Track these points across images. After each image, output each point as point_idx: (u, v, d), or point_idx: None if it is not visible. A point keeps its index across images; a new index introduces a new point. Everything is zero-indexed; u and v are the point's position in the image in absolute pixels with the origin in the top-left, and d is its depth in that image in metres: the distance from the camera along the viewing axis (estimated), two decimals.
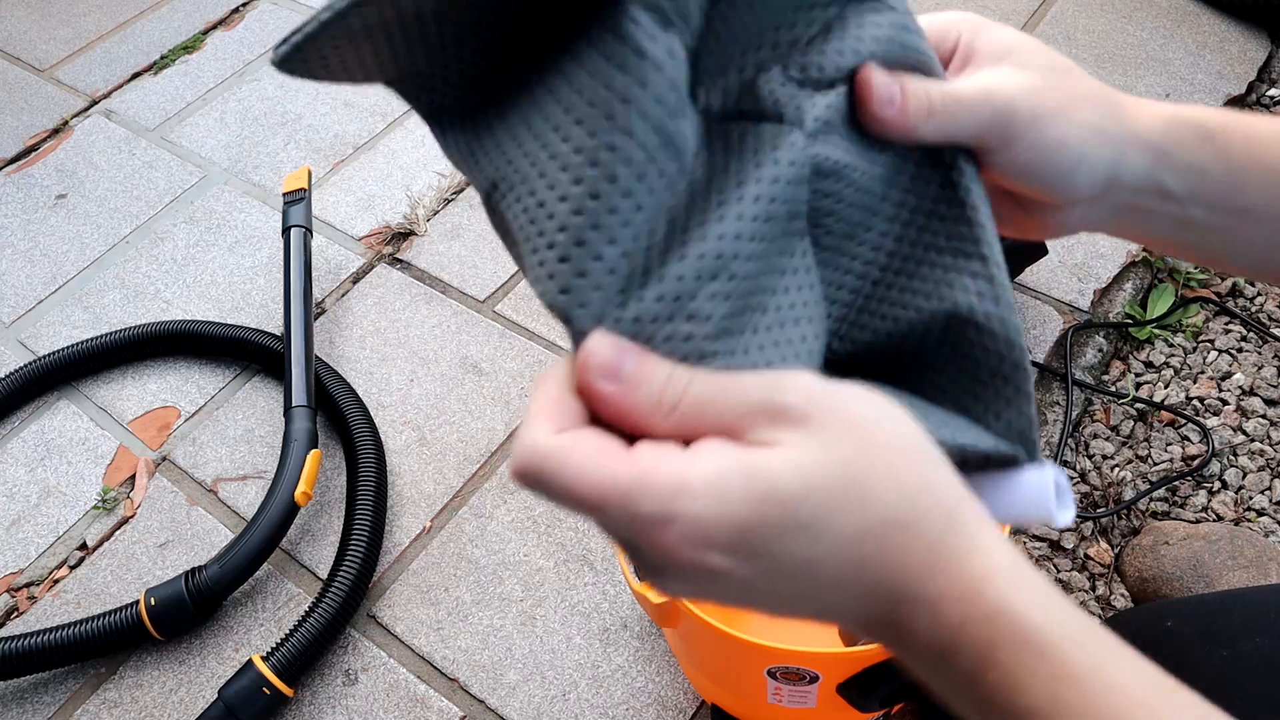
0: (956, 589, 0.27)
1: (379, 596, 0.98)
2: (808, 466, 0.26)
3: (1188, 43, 1.44)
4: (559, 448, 0.26)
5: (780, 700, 0.73)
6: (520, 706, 0.89)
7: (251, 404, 1.16)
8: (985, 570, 0.27)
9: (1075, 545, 0.98)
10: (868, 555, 0.27)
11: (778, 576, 0.27)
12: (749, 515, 0.25)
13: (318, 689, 0.92)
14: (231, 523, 1.05)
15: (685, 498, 0.25)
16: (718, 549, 0.26)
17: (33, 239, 1.38)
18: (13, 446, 1.15)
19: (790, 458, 0.26)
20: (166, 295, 1.29)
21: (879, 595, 0.27)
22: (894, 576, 0.27)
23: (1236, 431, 1.05)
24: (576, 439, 0.26)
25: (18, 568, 1.04)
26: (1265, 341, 1.12)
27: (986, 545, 0.27)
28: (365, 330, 1.21)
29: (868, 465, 0.26)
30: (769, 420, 0.26)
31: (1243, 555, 0.89)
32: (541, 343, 1.17)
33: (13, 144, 1.53)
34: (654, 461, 0.26)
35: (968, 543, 0.27)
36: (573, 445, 0.26)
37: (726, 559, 0.26)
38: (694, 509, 0.25)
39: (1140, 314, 1.15)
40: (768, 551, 0.26)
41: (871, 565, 0.27)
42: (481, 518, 1.03)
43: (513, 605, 0.96)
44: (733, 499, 0.25)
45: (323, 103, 1.53)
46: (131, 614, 0.92)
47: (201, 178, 1.44)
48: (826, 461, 0.26)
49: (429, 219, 1.34)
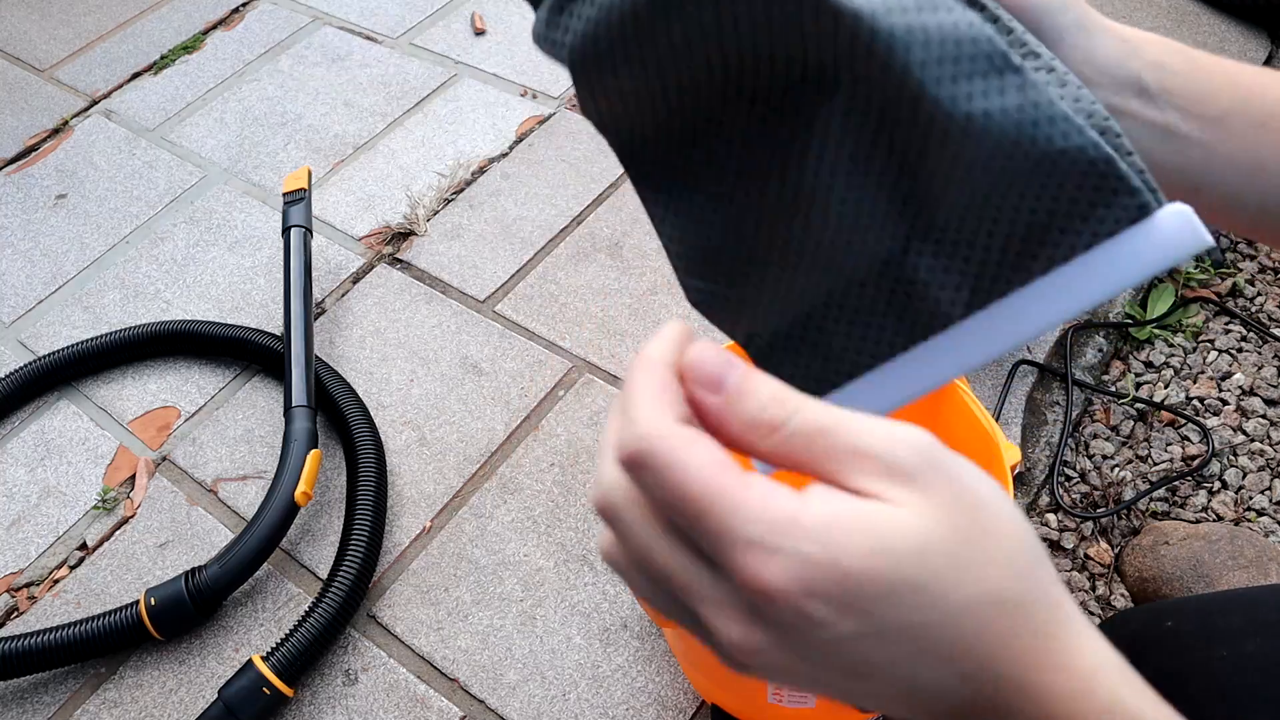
0: (1066, 681, 0.25)
1: (379, 596, 0.98)
2: (923, 528, 0.24)
3: (1188, 42, 1.44)
4: (685, 440, 0.24)
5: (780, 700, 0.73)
6: (520, 706, 0.89)
7: (251, 404, 1.16)
8: (1095, 666, 0.26)
9: (1075, 545, 0.98)
10: (976, 630, 0.25)
11: (877, 639, 0.24)
12: (860, 566, 0.23)
13: (318, 689, 0.92)
14: (231, 523, 1.05)
15: (797, 533, 0.23)
16: (820, 596, 0.23)
17: (33, 239, 1.38)
18: (13, 446, 1.15)
19: (906, 516, 0.24)
20: (166, 295, 1.29)
21: (981, 676, 0.25)
22: (1000, 655, 0.25)
23: (1236, 431, 1.05)
24: (700, 438, 0.25)
25: (18, 568, 1.04)
26: (1265, 341, 1.12)
27: (1093, 641, 0.26)
28: (365, 330, 1.21)
29: (981, 539, 0.25)
30: (881, 473, 0.25)
31: (1243, 555, 0.89)
32: (541, 343, 1.17)
33: (13, 144, 1.53)
34: (768, 491, 0.24)
35: (1075, 637, 0.26)
36: (696, 442, 0.24)
37: (826, 609, 0.23)
38: (804, 547, 0.23)
39: (1140, 314, 1.15)
40: (873, 609, 0.24)
41: (978, 641, 0.25)
42: (481, 518, 1.03)
43: (513, 605, 0.96)
44: (845, 545, 0.24)
45: (323, 103, 1.53)
46: (131, 614, 0.92)
47: (201, 178, 1.44)
48: (941, 527, 0.24)
49: (429, 219, 1.34)
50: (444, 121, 1.48)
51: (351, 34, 1.65)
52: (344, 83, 1.56)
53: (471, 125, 1.46)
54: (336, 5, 1.72)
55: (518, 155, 1.41)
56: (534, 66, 1.55)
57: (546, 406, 1.11)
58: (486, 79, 1.54)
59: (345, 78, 1.57)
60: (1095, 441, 1.06)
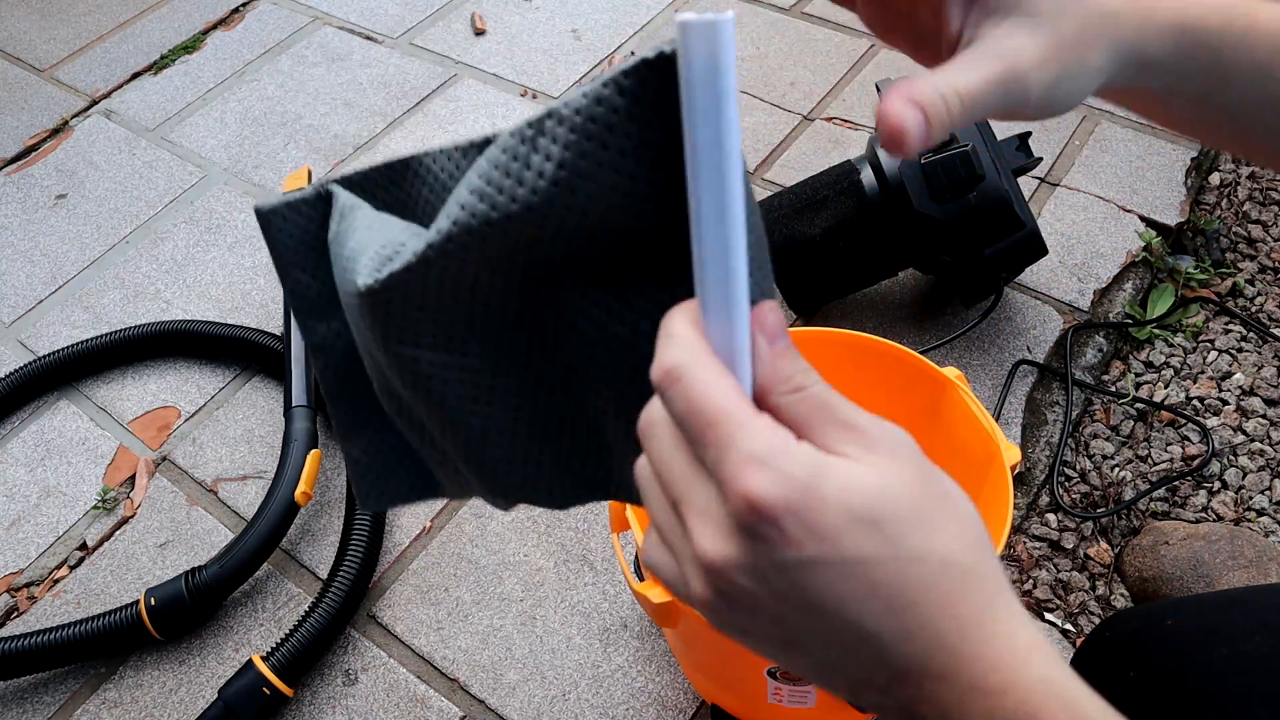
0: (1002, 651, 0.27)
1: (379, 596, 0.98)
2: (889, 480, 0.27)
3: None
4: (714, 367, 0.28)
5: (780, 700, 0.73)
6: (520, 706, 0.89)
7: (251, 404, 1.16)
8: (1031, 644, 0.28)
9: (1075, 545, 0.98)
10: (924, 582, 0.27)
11: (836, 570, 0.27)
12: (834, 495, 0.27)
13: (318, 689, 0.92)
14: (231, 523, 1.05)
15: (788, 457, 0.27)
16: (794, 513, 0.26)
17: (33, 239, 1.38)
18: (13, 446, 1.15)
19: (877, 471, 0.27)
20: (166, 295, 1.29)
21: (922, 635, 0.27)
22: (943, 613, 0.27)
23: (1236, 431, 1.05)
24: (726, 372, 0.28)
25: (18, 568, 1.04)
26: (1265, 341, 1.12)
27: (1029, 626, 0.28)
28: None
29: (940, 504, 0.28)
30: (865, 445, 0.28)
31: (1243, 555, 0.89)
32: None
33: (13, 144, 1.53)
34: (773, 424, 0.28)
35: (1014, 617, 0.28)
36: (723, 373, 0.28)
37: (796, 527, 0.26)
38: (792, 469, 0.26)
39: (1140, 314, 1.15)
40: (836, 537, 0.26)
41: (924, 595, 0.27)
42: (481, 518, 1.03)
43: (513, 605, 0.96)
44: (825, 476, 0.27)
45: (323, 103, 1.53)
46: (131, 614, 0.92)
47: (201, 178, 1.44)
48: (905, 485, 0.28)
49: None
50: (444, 121, 1.48)
51: (351, 34, 1.66)
52: (344, 83, 1.56)
53: (471, 125, 1.46)
54: (336, 5, 1.72)
55: None
56: (534, 66, 1.55)
57: None
58: (486, 79, 1.54)
59: (345, 78, 1.57)
60: (1095, 441, 1.06)
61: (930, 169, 0.98)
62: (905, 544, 0.27)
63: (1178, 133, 0.46)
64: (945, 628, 0.27)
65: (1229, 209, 1.27)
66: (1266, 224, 1.25)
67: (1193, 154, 1.29)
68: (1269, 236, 1.23)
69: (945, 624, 0.27)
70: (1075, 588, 0.95)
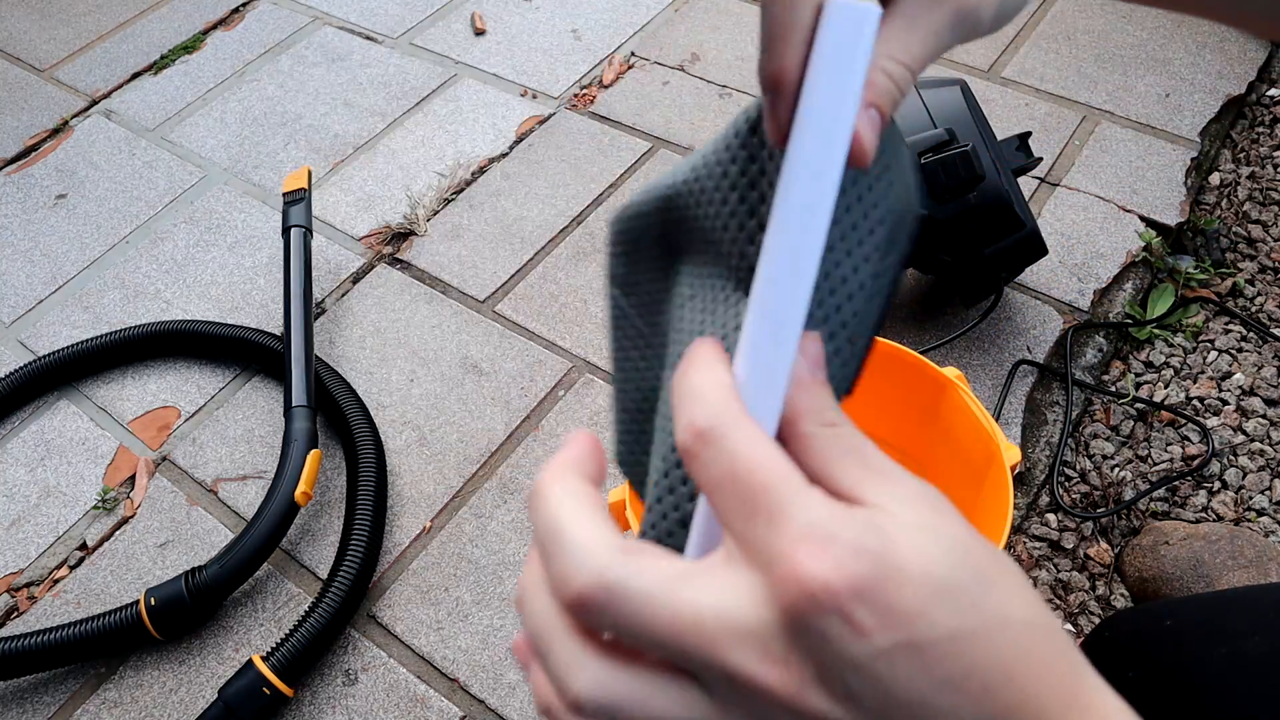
0: None
1: (379, 596, 0.98)
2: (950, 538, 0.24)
3: (1188, 42, 1.44)
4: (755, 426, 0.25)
5: None
6: (520, 706, 0.89)
7: (251, 404, 1.16)
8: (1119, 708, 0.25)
9: (1075, 545, 0.98)
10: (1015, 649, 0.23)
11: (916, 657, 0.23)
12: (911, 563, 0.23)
13: (318, 689, 0.92)
14: (231, 523, 1.05)
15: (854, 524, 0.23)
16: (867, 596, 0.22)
17: (33, 239, 1.38)
18: (13, 446, 1.15)
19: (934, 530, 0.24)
20: (166, 295, 1.29)
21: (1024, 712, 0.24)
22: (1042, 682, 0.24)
23: (1236, 431, 1.05)
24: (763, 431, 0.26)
25: (18, 568, 1.04)
26: (1265, 341, 1.12)
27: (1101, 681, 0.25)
28: (365, 330, 1.21)
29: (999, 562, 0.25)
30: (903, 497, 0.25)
31: (1243, 555, 0.89)
32: (541, 343, 1.17)
33: (13, 144, 1.53)
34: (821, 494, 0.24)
35: (1093, 674, 0.25)
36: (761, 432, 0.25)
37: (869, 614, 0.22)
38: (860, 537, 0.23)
39: (1140, 314, 1.15)
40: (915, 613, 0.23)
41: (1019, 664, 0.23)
42: (481, 518, 1.03)
43: (512, 605, 0.96)
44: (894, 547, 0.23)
45: (323, 103, 1.53)
46: (131, 614, 0.92)
47: (201, 178, 1.44)
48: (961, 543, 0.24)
49: (429, 219, 1.34)
50: (444, 121, 1.48)
51: (351, 34, 1.66)
52: (344, 83, 1.56)
53: (471, 125, 1.46)
54: (336, 5, 1.72)
55: (518, 155, 1.41)
56: (534, 66, 1.55)
57: (547, 406, 1.11)
58: (486, 79, 1.54)
59: (345, 78, 1.57)
60: (1095, 441, 1.06)
61: (930, 169, 0.98)
62: (987, 609, 0.23)
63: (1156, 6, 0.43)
64: (1047, 701, 0.24)
65: (1229, 209, 1.27)
66: (1266, 224, 1.25)
67: (1193, 154, 1.29)
68: (1269, 236, 1.23)
69: (1047, 697, 0.24)
70: (1075, 588, 0.95)
